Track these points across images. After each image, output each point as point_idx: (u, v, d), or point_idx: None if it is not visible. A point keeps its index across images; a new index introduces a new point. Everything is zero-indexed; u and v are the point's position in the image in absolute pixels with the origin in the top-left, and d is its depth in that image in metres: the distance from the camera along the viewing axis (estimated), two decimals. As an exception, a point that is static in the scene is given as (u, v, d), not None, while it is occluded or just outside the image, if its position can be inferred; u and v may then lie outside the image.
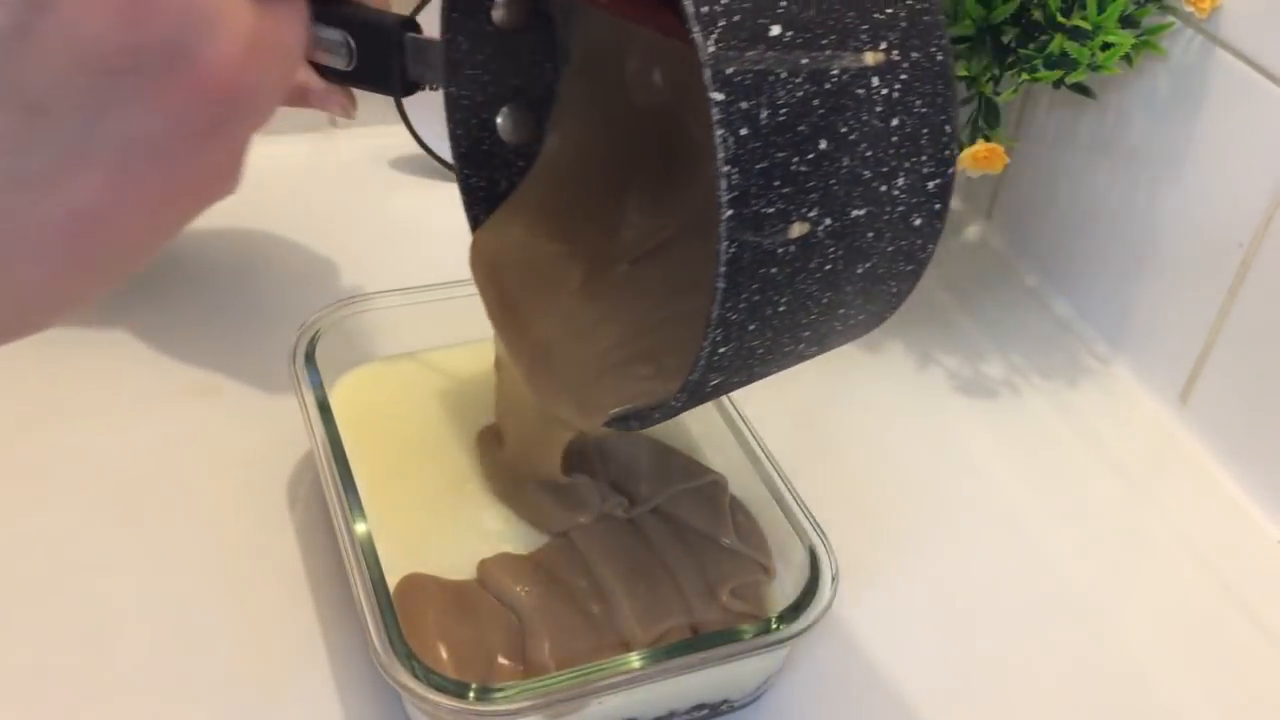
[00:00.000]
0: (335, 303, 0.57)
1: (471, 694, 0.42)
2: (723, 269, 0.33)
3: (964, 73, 0.60)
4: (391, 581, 0.47)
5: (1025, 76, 0.60)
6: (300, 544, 0.54)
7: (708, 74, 0.32)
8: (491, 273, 0.50)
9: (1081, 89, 0.62)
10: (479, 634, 0.47)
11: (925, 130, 0.35)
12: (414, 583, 0.49)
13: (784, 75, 0.33)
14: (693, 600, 0.49)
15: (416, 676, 0.42)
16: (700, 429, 0.57)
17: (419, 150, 0.76)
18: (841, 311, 0.39)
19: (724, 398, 0.55)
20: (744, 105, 0.32)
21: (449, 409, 0.58)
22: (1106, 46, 0.60)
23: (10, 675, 0.48)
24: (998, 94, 0.62)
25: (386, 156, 0.78)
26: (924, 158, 0.36)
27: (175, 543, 0.53)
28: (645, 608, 0.48)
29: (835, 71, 0.33)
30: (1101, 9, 0.59)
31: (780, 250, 0.34)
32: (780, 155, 0.33)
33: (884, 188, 0.35)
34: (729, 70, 0.32)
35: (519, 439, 0.53)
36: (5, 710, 0.47)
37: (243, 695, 0.48)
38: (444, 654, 0.46)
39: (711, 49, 0.32)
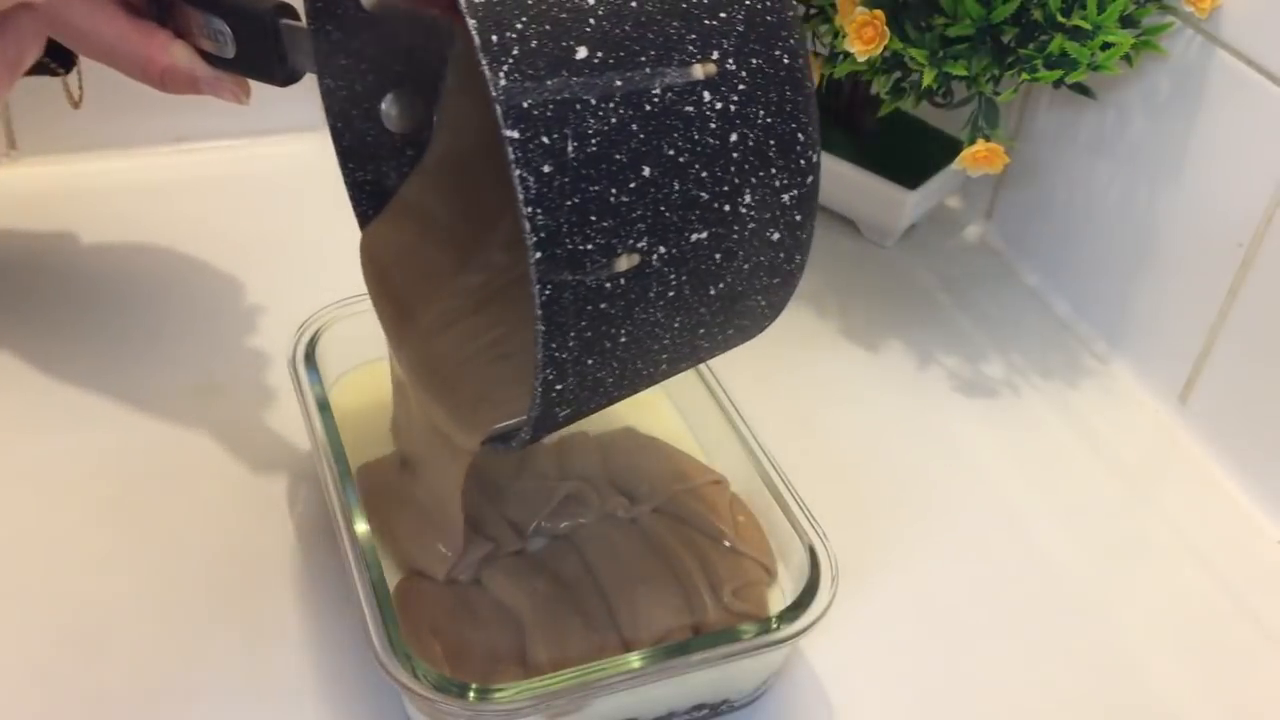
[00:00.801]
0: (335, 303, 0.57)
1: (471, 694, 0.42)
2: (539, 312, 0.31)
3: (964, 73, 0.60)
4: (391, 582, 0.47)
5: (1025, 76, 0.60)
6: (300, 544, 0.54)
7: (498, 110, 0.29)
8: (379, 273, 0.49)
9: (1081, 89, 0.62)
10: (479, 634, 0.47)
11: (772, 142, 0.33)
12: (414, 583, 0.49)
13: (593, 102, 0.30)
14: (694, 601, 0.49)
15: (416, 676, 0.42)
16: (700, 429, 0.57)
17: (419, 150, 0.76)
18: (702, 331, 0.36)
19: (724, 398, 0.55)
20: (545, 140, 0.30)
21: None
22: (1106, 46, 0.60)
23: (10, 675, 0.48)
24: (998, 94, 0.62)
25: (386, 156, 0.78)
26: (773, 170, 0.33)
27: (175, 543, 0.53)
28: (646, 608, 0.48)
29: (656, 91, 0.31)
30: (1101, 9, 0.59)
31: (608, 285, 0.32)
32: (595, 189, 0.30)
33: (727, 207, 0.33)
34: (525, 104, 0.29)
35: (420, 462, 0.51)
36: (5, 710, 0.47)
37: (243, 695, 0.48)
38: (443, 653, 0.46)
39: (503, 82, 0.29)
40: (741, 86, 0.32)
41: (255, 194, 0.74)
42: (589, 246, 0.31)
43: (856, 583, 0.55)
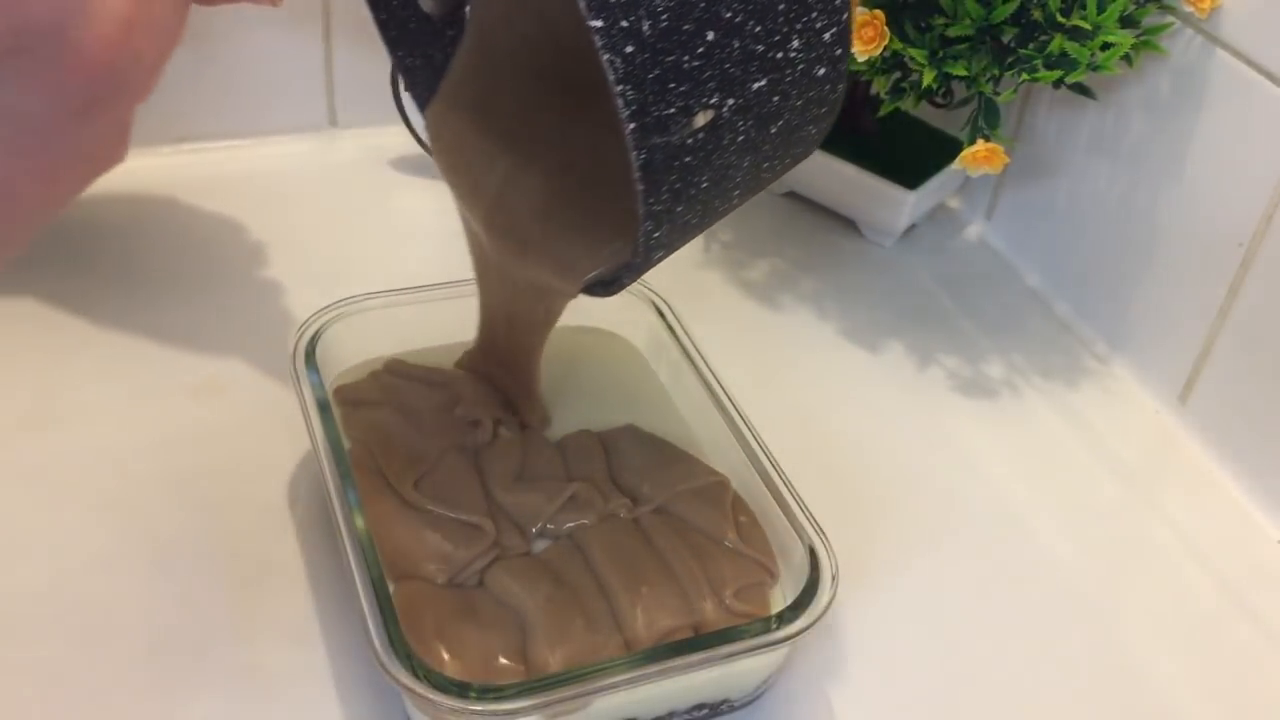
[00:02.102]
0: (335, 303, 0.57)
1: (472, 694, 0.42)
2: (637, 174, 0.35)
3: (964, 73, 0.60)
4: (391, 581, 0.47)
5: (1025, 76, 0.60)
6: (300, 544, 0.54)
7: (581, 4, 0.32)
8: (446, 150, 0.51)
9: (1081, 89, 0.62)
10: (480, 633, 0.47)
11: None
12: (415, 583, 0.49)
13: None
14: (695, 602, 0.49)
15: (417, 676, 0.42)
16: (701, 429, 0.57)
17: (419, 150, 0.76)
18: (765, 165, 0.41)
19: (724, 398, 0.55)
20: (624, 24, 0.33)
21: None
22: (1106, 46, 0.60)
23: (10, 675, 0.48)
24: (998, 94, 0.62)
25: (386, 156, 0.78)
26: (814, 14, 0.37)
27: (175, 542, 0.53)
28: (648, 609, 0.48)
29: None
30: (1101, 9, 0.59)
31: (690, 140, 0.36)
32: (670, 59, 0.34)
33: (779, 55, 0.36)
34: None
35: (505, 324, 0.54)
36: (5, 710, 0.47)
37: (243, 695, 0.48)
38: (444, 654, 0.46)
39: None
40: None
41: (255, 194, 0.74)
42: (671, 110, 0.35)
43: (856, 583, 0.55)
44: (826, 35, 0.37)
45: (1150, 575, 0.59)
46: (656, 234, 0.38)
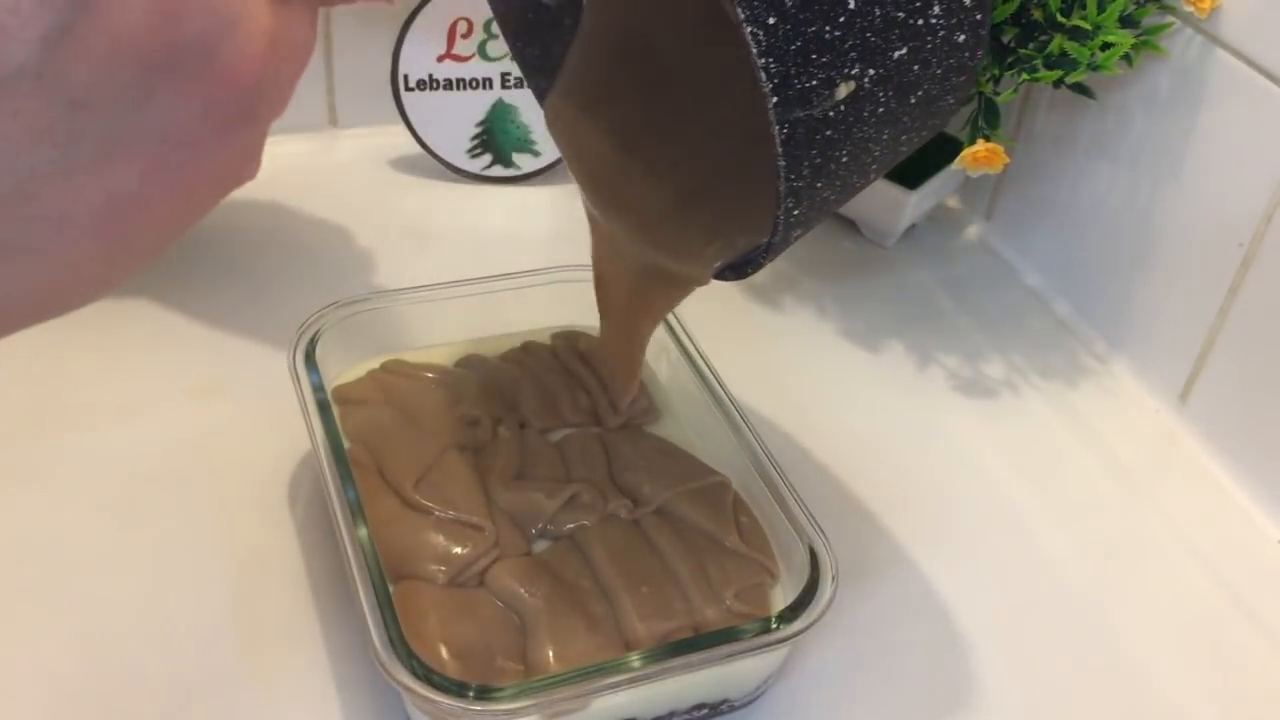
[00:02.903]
0: (335, 303, 0.57)
1: (471, 693, 0.42)
2: (780, 149, 0.34)
3: (964, 73, 0.60)
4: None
5: (1025, 76, 0.60)
6: (300, 544, 0.54)
7: None
8: (568, 141, 0.50)
9: (1081, 89, 0.62)
10: (480, 634, 0.47)
11: None
12: (415, 583, 0.49)
13: None
14: (696, 602, 0.49)
15: (417, 676, 0.42)
16: (701, 429, 0.57)
17: (419, 150, 0.76)
18: (904, 138, 0.40)
19: (725, 399, 0.55)
20: None
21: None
22: (1106, 46, 0.60)
23: (10, 675, 0.48)
24: (998, 94, 0.62)
25: (386, 156, 0.78)
26: None
27: (175, 542, 0.53)
28: (648, 609, 0.48)
29: None
30: (1101, 9, 0.59)
31: (831, 113, 0.35)
32: (811, 29, 0.33)
33: (920, 21, 0.36)
34: None
35: (618, 312, 0.54)
36: (5, 710, 0.47)
37: (243, 695, 0.48)
38: (444, 654, 0.46)
39: None
40: None
41: (255, 194, 0.74)
42: (814, 83, 0.34)
43: (856, 583, 0.55)
44: (966, 0, 0.36)
45: (1150, 575, 0.59)
46: (796, 211, 0.37)
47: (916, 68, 0.36)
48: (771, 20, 0.32)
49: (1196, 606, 0.58)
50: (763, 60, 0.32)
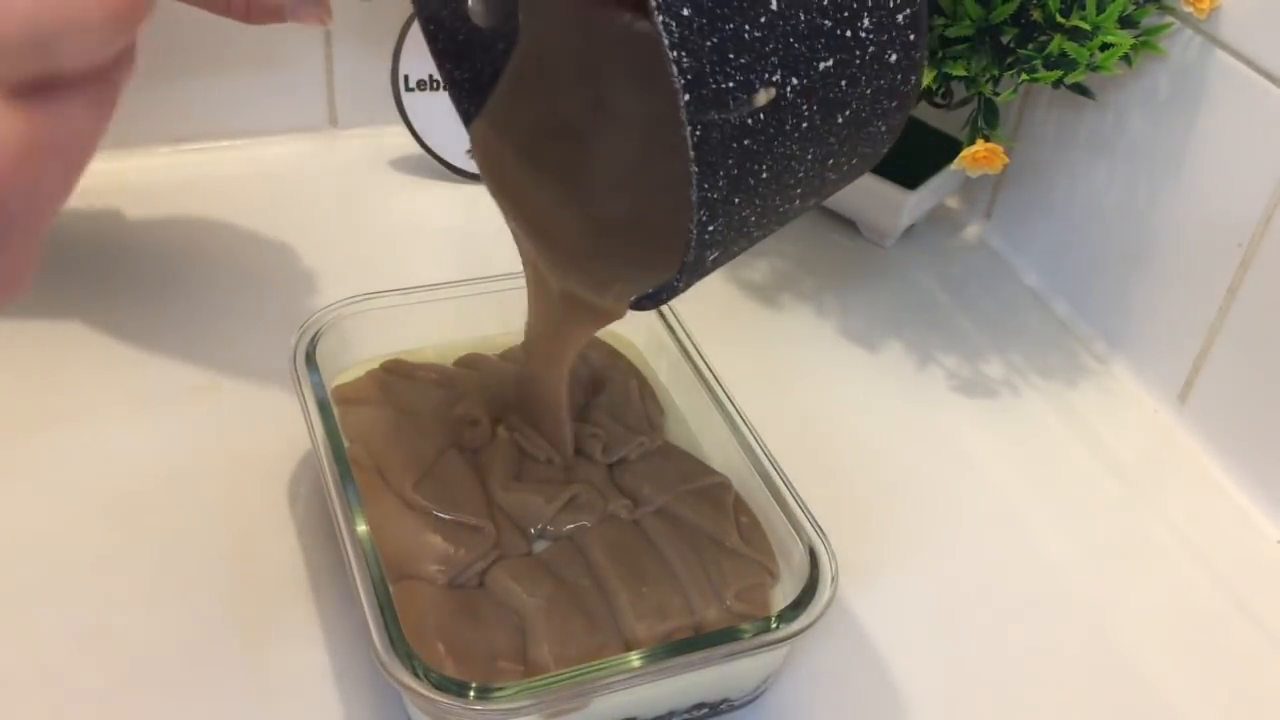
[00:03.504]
0: (335, 303, 0.57)
1: (471, 693, 0.42)
2: (692, 153, 0.33)
3: (964, 73, 0.60)
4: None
5: (1025, 77, 0.60)
6: (300, 544, 0.54)
7: None
8: (492, 165, 0.50)
9: (1081, 89, 0.62)
10: (480, 634, 0.47)
11: None
12: (415, 583, 0.49)
13: None
14: (696, 603, 0.49)
15: (417, 675, 0.42)
16: (701, 429, 0.57)
17: (419, 150, 0.76)
18: (831, 162, 0.38)
19: (725, 399, 0.55)
20: None
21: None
22: (1106, 46, 0.60)
23: (10, 675, 0.48)
24: (997, 94, 0.62)
25: (386, 156, 0.78)
26: None
27: (175, 542, 0.53)
28: (649, 610, 0.48)
29: None
30: (1101, 9, 0.59)
31: (749, 120, 0.33)
32: (730, 26, 0.32)
33: (848, 33, 0.34)
34: None
35: (538, 337, 0.53)
36: (5, 710, 0.47)
37: (243, 695, 0.48)
38: (444, 653, 0.46)
39: None
40: None
41: (255, 194, 0.74)
42: (730, 84, 0.32)
43: (856, 583, 0.55)
44: (900, 17, 0.35)
45: (1149, 575, 0.59)
46: (711, 227, 0.35)
47: (844, 83, 0.35)
48: (686, 11, 0.31)
49: (1196, 606, 0.58)
50: (674, 54, 0.31)
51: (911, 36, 0.36)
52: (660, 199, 0.46)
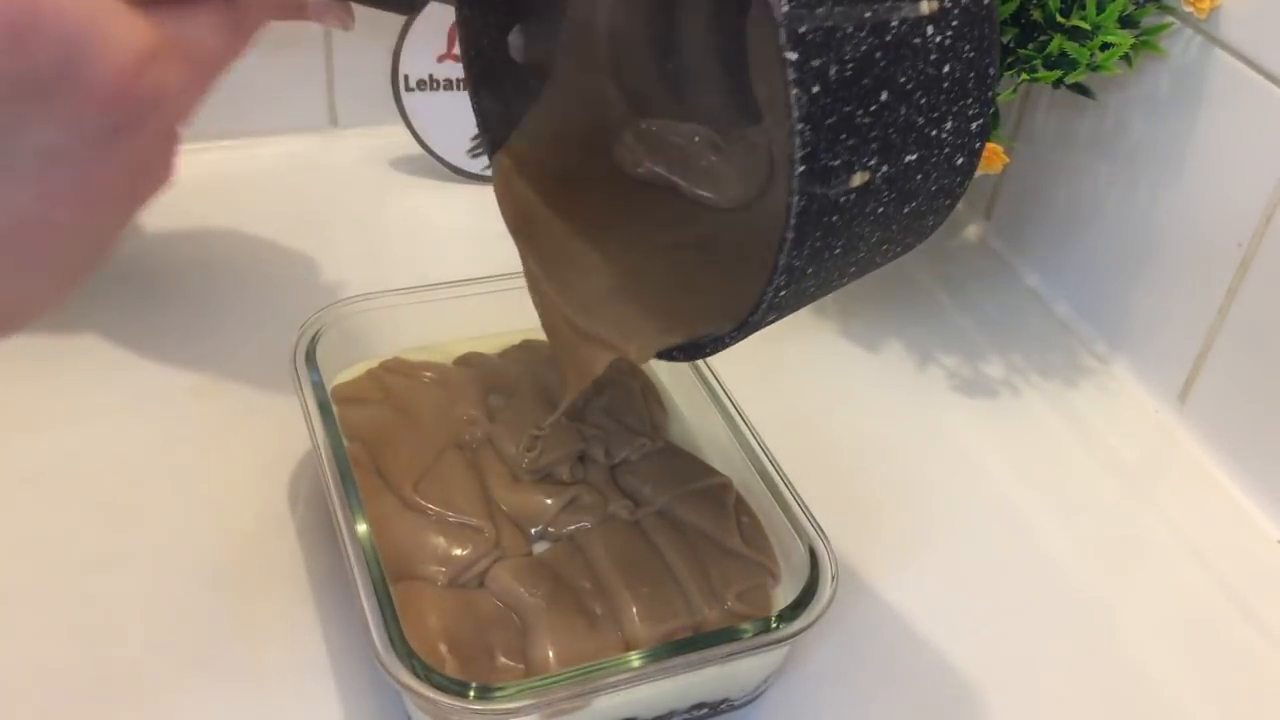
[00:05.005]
0: (335, 303, 0.57)
1: (471, 693, 0.42)
2: (793, 221, 0.35)
3: (964, 73, 0.60)
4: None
5: (1025, 76, 0.60)
6: (300, 544, 0.54)
7: (783, 34, 0.33)
8: (512, 204, 0.50)
9: (1081, 89, 0.62)
10: (480, 634, 0.47)
11: (972, 74, 0.37)
12: (415, 583, 0.49)
13: (850, 30, 0.34)
14: (697, 603, 0.49)
15: (417, 675, 0.42)
16: (701, 429, 0.57)
17: (419, 150, 0.76)
18: (885, 247, 0.40)
19: (725, 399, 0.55)
20: (815, 63, 0.33)
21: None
22: (1106, 46, 0.60)
23: (10, 675, 0.48)
24: (997, 94, 0.62)
25: (386, 156, 0.78)
26: (970, 100, 0.37)
27: (175, 543, 0.53)
28: (649, 610, 0.48)
29: (895, 23, 0.35)
30: (1101, 9, 0.59)
31: (843, 199, 0.36)
32: (847, 109, 0.34)
33: (934, 132, 0.37)
34: (801, 29, 0.33)
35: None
36: (5, 710, 0.47)
37: (243, 695, 0.48)
38: (444, 653, 0.46)
39: (785, 8, 0.33)
40: (955, 23, 0.36)
41: (255, 194, 0.74)
42: (836, 163, 0.35)
43: (856, 583, 0.55)
44: (974, 125, 0.38)
45: (1149, 574, 0.59)
46: (784, 292, 0.38)
47: (919, 177, 0.38)
48: (816, 89, 0.33)
49: (1196, 606, 0.58)
50: (800, 126, 0.33)
51: (977, 145, 0.39)
52: (683, 257, 0.46)
